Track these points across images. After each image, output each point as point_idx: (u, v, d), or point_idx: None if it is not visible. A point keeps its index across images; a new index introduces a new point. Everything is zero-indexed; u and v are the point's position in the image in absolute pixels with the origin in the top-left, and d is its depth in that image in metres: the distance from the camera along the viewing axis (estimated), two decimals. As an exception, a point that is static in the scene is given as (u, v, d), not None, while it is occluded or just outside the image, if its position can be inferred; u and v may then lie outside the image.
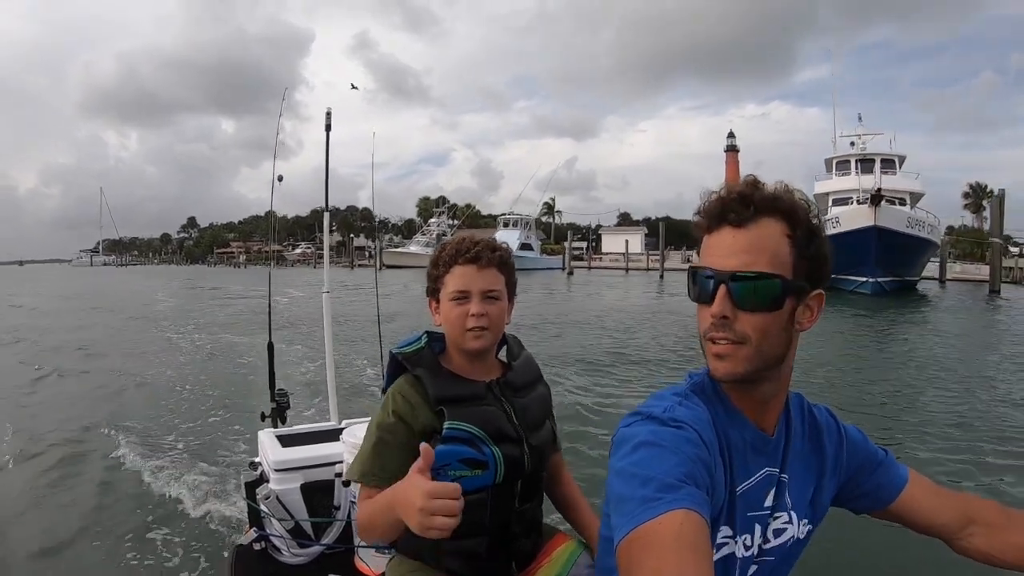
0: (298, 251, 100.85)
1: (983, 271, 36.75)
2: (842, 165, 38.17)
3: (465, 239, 1.90)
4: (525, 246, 63.62)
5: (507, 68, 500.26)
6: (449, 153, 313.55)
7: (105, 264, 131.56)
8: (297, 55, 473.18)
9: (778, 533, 1.27)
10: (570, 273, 54.70)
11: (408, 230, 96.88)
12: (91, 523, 5.00)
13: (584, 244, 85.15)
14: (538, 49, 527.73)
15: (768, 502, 1.26)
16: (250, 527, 2.98)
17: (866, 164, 36.79)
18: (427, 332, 1.96)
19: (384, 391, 1.94)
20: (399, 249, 70.66)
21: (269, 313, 4.90)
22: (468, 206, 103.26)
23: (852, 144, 38.83)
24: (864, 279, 28.72)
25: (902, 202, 32.69)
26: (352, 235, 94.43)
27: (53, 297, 33.49)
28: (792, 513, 1.29)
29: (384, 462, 1.77)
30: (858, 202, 31.18)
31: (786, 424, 1.31)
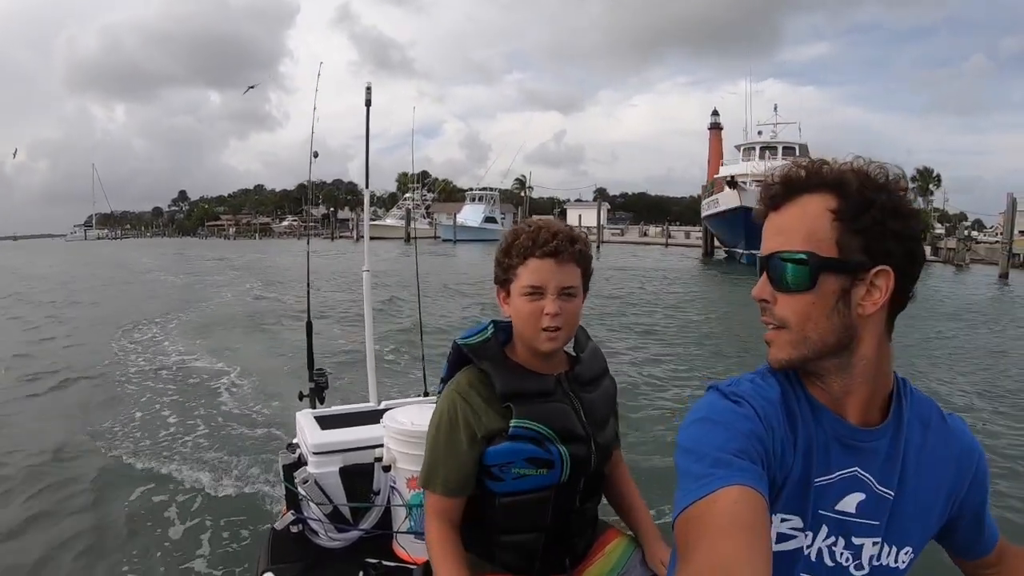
0: (285, 224, 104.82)
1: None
2: (748, 152, 44.33)
3: (542, 228, 1.78)
4: (489, 219, 69.19)
5: (493, 41, 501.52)
6: (440, 125, 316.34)
7: (99, 238, 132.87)
8: (281, 27, 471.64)
9: (862, 551, 1.14)
10: (520, 244, 60.56)
11: (392, 203, 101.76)
12: (126, 505, 5.11)
13: (550, 218, 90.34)
14: (524, 22, 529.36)
15: (848, 508, 1.13)
16: (287, 510, 2.88)
17: (771, 151, 42.77)
18: (493, 321, 1.89)
19: (443, 381, 1.92)
20: (376, 222, 75.15)
21: (308, 293, 4.77)
22: (446, 181, 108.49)
23: (760, 133, 45.05)
24: (743, 252, 34.60)
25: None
26: (335, 208, 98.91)
27: (77, 269, 35.29)
28: (885, 532, 1.14)
29: (455, 472, 1.76)
30: (754, 185, 36.91)
31: (896, 426, 1.16)
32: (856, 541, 1.14)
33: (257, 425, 6.93)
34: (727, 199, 35.12)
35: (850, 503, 1.13)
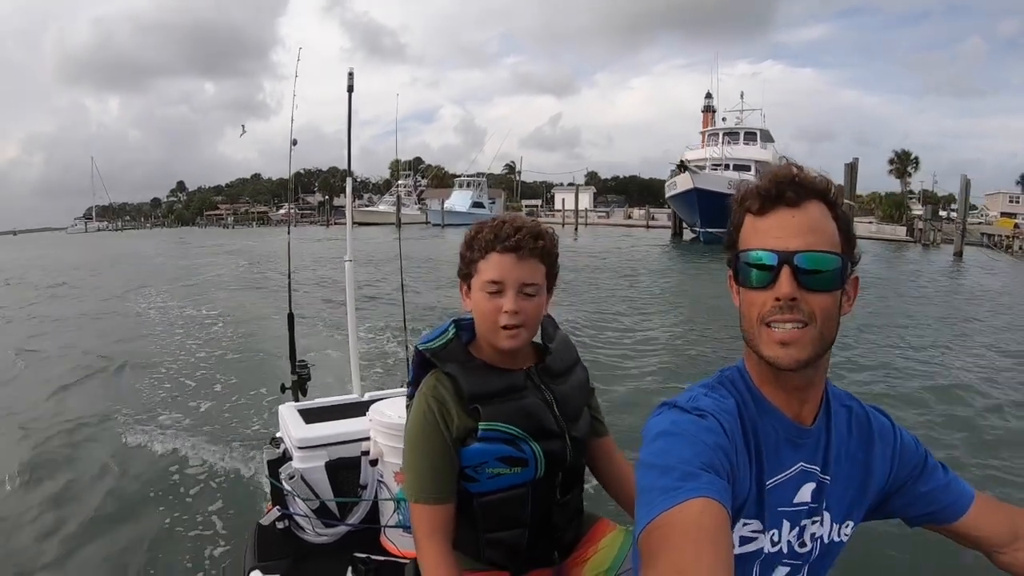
0: (282, 211, 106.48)
1: (899, 231, 42.58)
2: (712, 137, 47.15)
3: (505, 223, 1.76)
4: (477, 204, 71.79)
5: (485, 25, 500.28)
6: (437, 111, 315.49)
7: (99, 230, 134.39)
8: (272, 15, 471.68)
9: (814, 535, 1.25)
10: (503, 226, 63.46)
11: (386, 189, 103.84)
12: (106, 503, 5.09)
13: (539, 201, 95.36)
14: (516, 4, 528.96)
15: (803, 499, 1.24)
16: (272, 505, 2.88)
17: (732, 136, 45.71)
18: (454, 321, 1.87)
19: (411, 386, 1.90)
20: (369, 208, 78.67)
21: (289, 285, 4.50)
22: (438, 167, 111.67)
23: (724, 120, 48.21)
24: (698, 229, 37.95)
25: (747, 169, 39.92)
26: (330, 195, 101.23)
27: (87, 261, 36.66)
28: (829, 513, 1.27)
29: (436, 480, 1.74)
30: (711, 169, 39.90)
31: (827, 419, 1.28)
32: (810, 529, 1.24)
33: (240, 417, 6.93)
34: (683, 181, 38.05)
35: (804, 494, 1.23)
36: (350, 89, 4.06)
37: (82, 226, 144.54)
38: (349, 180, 4.35)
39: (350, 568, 2.52)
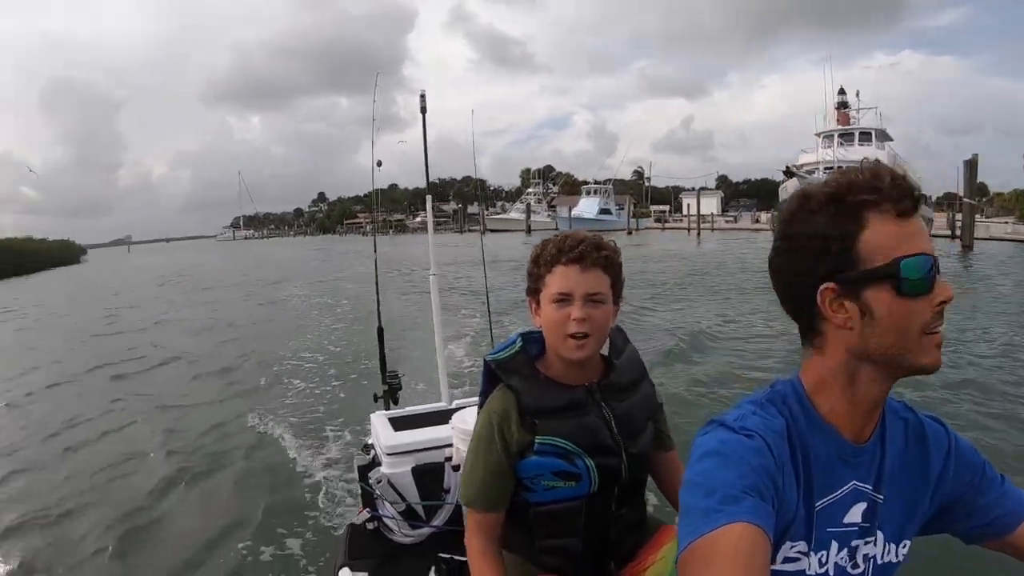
0: (418, 219, 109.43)
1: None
2: (827, 139, 44.71)
3: (568, 236, 1.84)
4: (604, 210, 72.55)
5: (610, 30, 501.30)
6: (569, 117, 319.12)
7: (246, 238, 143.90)
8: (400, 32, 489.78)
9: (867, 556, 1.18)
10: (629, 232, 63.84)
11: (517, 196, 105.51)
12: (205, 501, 5.62)
13: (667, 207, 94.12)
14: (638, 8, 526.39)
15: (853, 519, 1.17)
16: (363, 507, 3.10)
17: (847, 137, 43.47)
18: (521, 335, 1.93)
19: (481, 396, 1.95)
20: (500, 215, 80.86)
21: (377, 300, 4.69)
22: (567, 175, 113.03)
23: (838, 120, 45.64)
24: None
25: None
26: (463, 203, 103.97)
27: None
28: (883, 533, 1.19)
29: (489, 489, 1.82)
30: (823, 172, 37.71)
31: (881, 434, 1.20)
32: (862, 551, 1.16)
33: (345, 421, 7.29)
34: (788, 189, 35.82)
35: (855, 514, 1.16)
36: (423, 110, 4.21)
37: (230, 234, 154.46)
38: (429, 198, 4.45)
39: (433, 568, 2.62)
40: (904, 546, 1.21)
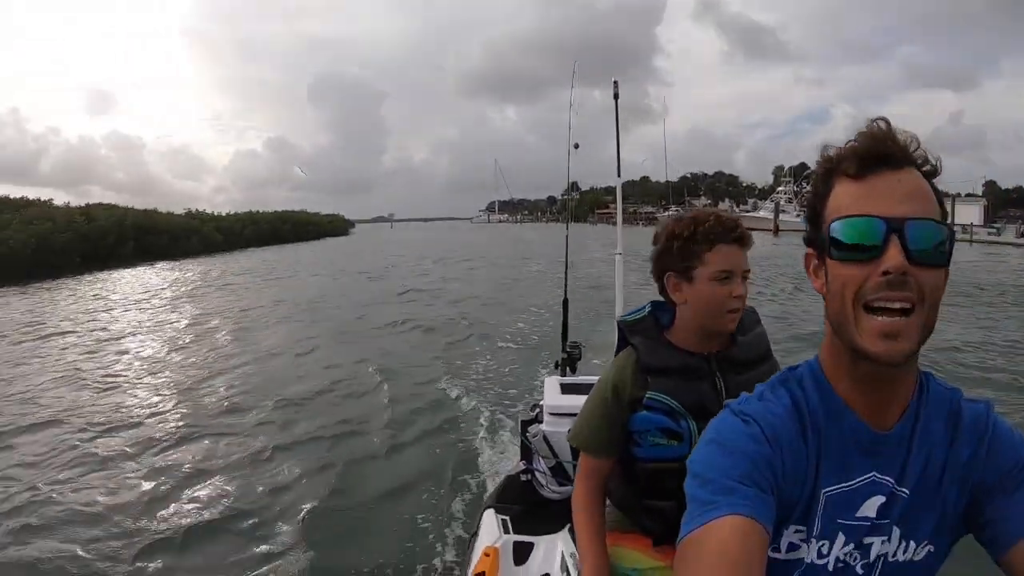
0: (667, 213, 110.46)
1: None
2: None
3: (719, 216, 1.88)
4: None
5: (870, 14, 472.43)
6: (829, 109, 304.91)
7: (500, 221, 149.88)
8: (648, 25, 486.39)
9: (880, 554, 1.09)
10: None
11: (768, 194, 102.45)
12: (389, 441, 6.87)
13: None
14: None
15: (867, 513, 1.08)
16: (521, 459, 3.38)
17: None
18: (652, 302, 2.02)
19: (616, 353, 2.06)
20: (750, 214, 78.89)
21: (565, 275, 4.87)
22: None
23: None
24: None
25: None
26: (714, 199, 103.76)
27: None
28: (901, 530, 1.09)
29: (598, 433, 1.96)
30: None
31: (913, 422, 1.09)
32: (867, 542, 1.09)
33: (528, 386, 8.63)
34: None
35: (870, 507, 1.08)
36: (616, 96, 4.44)
37: (485, 217, 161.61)
38: (619, 183, 4.56)
39: (568, 526, 2.64)
40: (926, 546, 1.10)
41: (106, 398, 9.09)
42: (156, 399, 8.96)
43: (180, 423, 7.79)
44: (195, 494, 5.83)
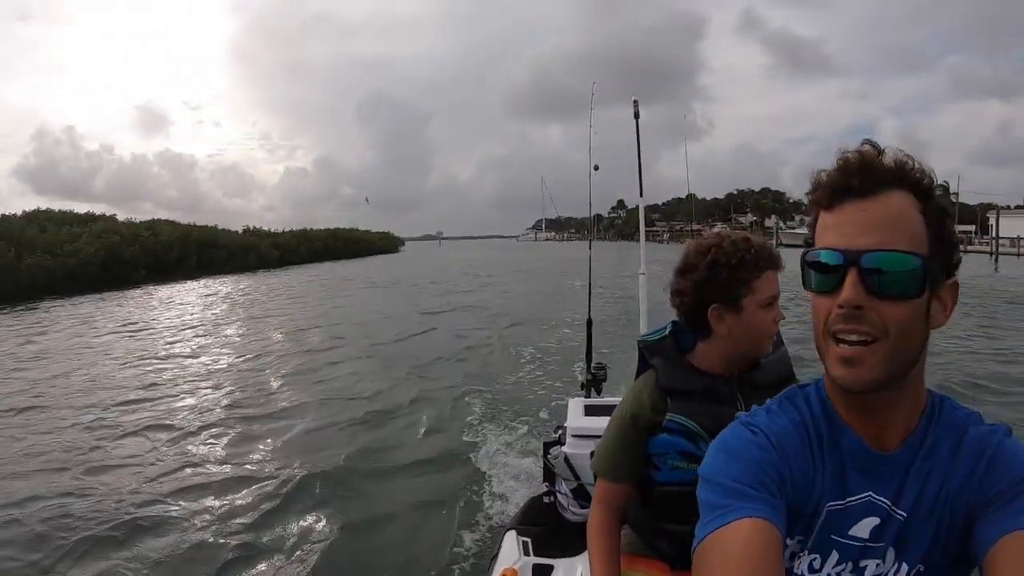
0: (714, 231, 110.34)
1: None
2: None
3: (754, 241, 1.86)
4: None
5: (914, 23, 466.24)
6: (875, 123, 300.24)
7: (547, 240, 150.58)
8: (691, 42, 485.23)
9: (862, 572, 1.09)
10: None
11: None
12: (412, 460, 6.85)
13: (972, 227, 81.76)
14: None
15: (859, 533, 1.08)
16: (544, 481, 3.35)
17: None
18: (673, 322, 1.99)
19: (637, 375, 2.05)
20: (797, 230, 77.21)
21: (589, 295, 4.97)
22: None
23: None
24: None
25: None
26: (760, 216, 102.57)
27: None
28: (896, 552, 1.08)
29: (617, 459, 1.94)
30: None
31: (918, 446, 1.08)
32: (862, 564, 1.09)
33: (545, 407, 8.44)
34: None
35: (864, 528, 1.08)
36: (636, 116, 4.45)
37: (532, 235, 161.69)
38: (641, 202, 4.65)
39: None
40: (920, 569, 1.07)
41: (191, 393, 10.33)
42: (209, 393, 10.21)
43: (215, 420, 8.63)
44: (211, 495, 6.14)
